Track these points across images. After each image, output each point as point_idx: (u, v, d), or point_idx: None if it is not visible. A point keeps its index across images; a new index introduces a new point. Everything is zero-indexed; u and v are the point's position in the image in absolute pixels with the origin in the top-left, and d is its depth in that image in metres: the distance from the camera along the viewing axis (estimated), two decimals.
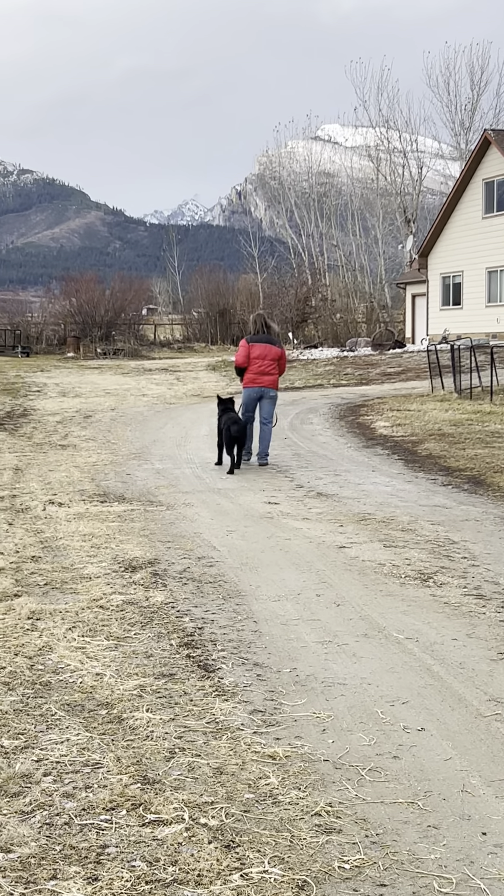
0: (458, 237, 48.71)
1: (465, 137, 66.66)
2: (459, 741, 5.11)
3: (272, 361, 15.98)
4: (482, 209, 46.88)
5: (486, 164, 46.43)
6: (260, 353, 15.88)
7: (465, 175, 48.20)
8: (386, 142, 71.42)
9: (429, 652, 6.56)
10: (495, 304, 46.18)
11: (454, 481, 14.02)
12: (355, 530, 10.58)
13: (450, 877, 3.83)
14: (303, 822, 4.27)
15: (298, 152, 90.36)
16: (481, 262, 46.82)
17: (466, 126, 67.03)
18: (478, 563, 9.07)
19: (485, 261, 46.55)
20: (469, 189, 47.92)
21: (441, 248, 50.50)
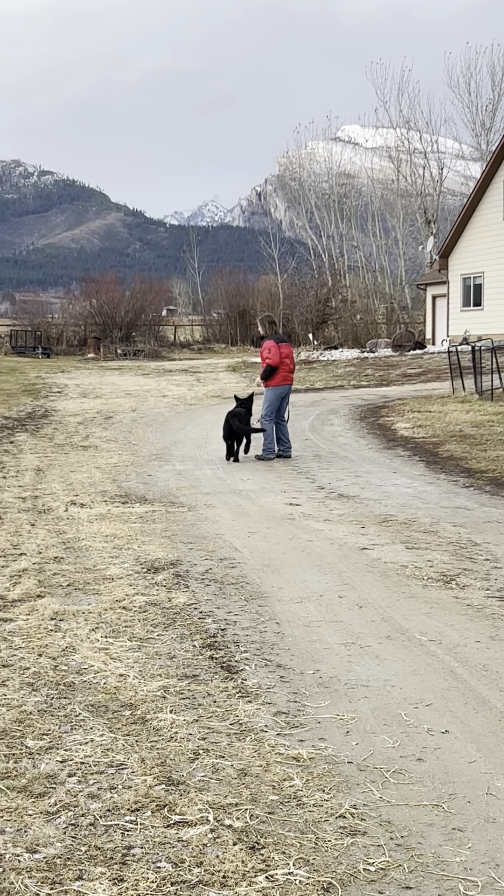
0: (479, 238, 48.59)
1: (485, 138, 66.50)
2: (484, 744, 5.10)
3: (293, 360, 17.38)
4: (503, 210, 46.74)
5: None
6: (287, 353, 17.07)
7: (485, 176, 48.05)
8: (406, 143, 71.34)
9: (452, 654, 6.55)
10: None
11: (476, 483, 13.99)
12: (377, 532, 10.57)
13: (475, 879, 3.83)
14: (327, 824, 4.27)
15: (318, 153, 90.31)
16: (502, 263, 46.68)
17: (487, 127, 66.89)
18: (500, 565, 9.05)
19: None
20: (490, 190, 47.78)
21: (462, 249, 50.38)
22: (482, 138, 66.91)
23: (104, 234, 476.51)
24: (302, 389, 33.91)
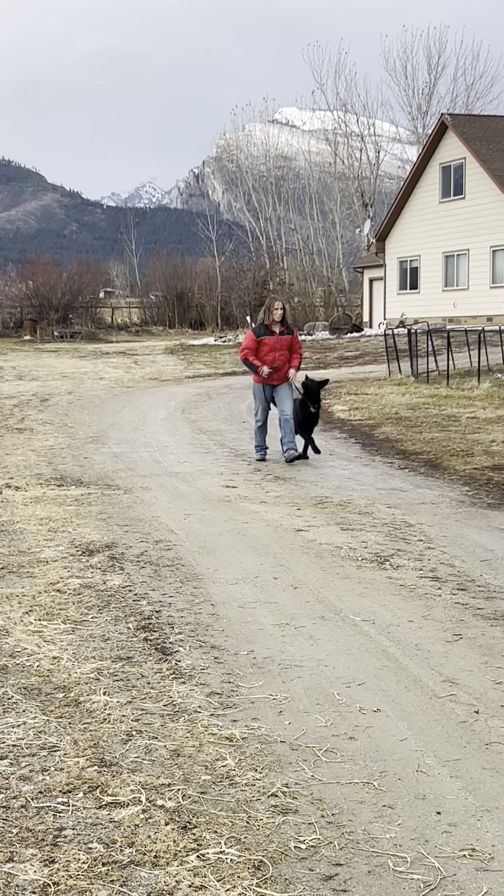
0: (416, 222, 48.85)
1: (422, 122, 66.87)
2: (415, 722, 5.16)
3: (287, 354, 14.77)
4: (439, 194, 47.04)
5: (444, 149, 46.56)
6: (270, 347, 14.98)
7: (422, 159, 48.32)
8: (343, 125, 71.49)
9: (385, 634, 6.60)
10: (452, 289, 46.39)
11: (411, 465, 14.10)
12: (313, 513, 10.61)
13: (405, 856, 3.87)
14: (259, 802, 4.29)
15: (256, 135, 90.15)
16: (438, 246, 47.00)
17: (424, 110, 67.26)
18: (434, 545, 9.13)
19: (442, 245, 46.73)
20: (426, 173, 48.05)
21: (398, 232, 50.62)
22: (418, 122, 67.30)
23: (41, 215, 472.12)
24: (239, 372, 33.92)
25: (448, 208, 46.28)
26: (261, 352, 14.37)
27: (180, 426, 19.12)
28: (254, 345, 14.38)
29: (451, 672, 5.87)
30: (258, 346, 14.36)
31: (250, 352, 14.41)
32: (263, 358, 14.34)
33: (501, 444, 15.52)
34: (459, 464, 13.79)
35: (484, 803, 4.28)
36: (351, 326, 52.06)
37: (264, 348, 14.35)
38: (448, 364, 27.04)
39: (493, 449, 15.00)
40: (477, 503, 11.18)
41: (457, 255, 46.09)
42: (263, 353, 14.35)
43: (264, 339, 14.35)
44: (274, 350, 14.35)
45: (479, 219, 43.98)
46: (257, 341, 14.35)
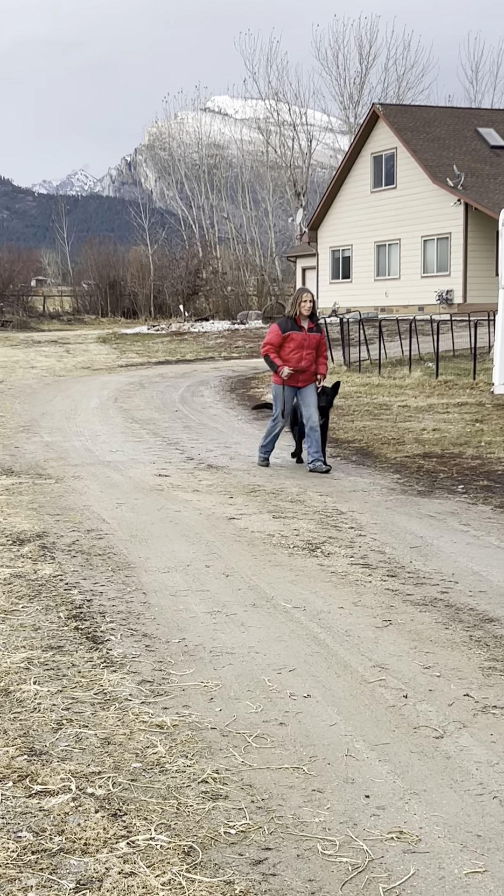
0: (348, 211, 49.04)
1: (353, 111, 67.10)
2: (344, 707, 5.20)
3: (314, 355, 12.99)
4: (371, 183, 47.25)
5: (375, 139, 46.77)
6: (297, 344, 12.98)
7: (353, 149, 48.49)
8: (275, 114, 71.51)
9: (316, 620, 6.65)
10: (384, 278, 46.65)
11: (343, 453, 14.17)
12: (245, 502, 10.63)
13: (333, 839, 3.91)
14: (189, 789, 4.31)
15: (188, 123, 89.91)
16: (370, 236, 47.22)
17: (355, 100, 67.49)
18: (364, 532, 9.20)
19: (373, 235, 46.96)
20: (358, 163, 48.23)
21: (330, 221, 50.78)
22: (350, 111, 67.53)
23: None
24: (172, 361, 33.89)
25: (380, 198, 46.51)
26: (285, 349, 12.65)
27: (113, 415, 19.05)
28: (278, 340, 12.67)
29: (381, 657, 5.92)
30: (283, 343, 12.68)
31: (273, 348, 12.71)
32: (288, 356, 12.63)
33: (432, 432, 15.66)
34: (391, 452, 13.89)
35: (412, 786, 4.33)
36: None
37: (290, 345, 12.63)
38: (380, 353, 27.21)
39: (424, 437, 15.13)
40: (408, 491, 11.28)
41: (388, 244, 46.35)
42: (288, 351, 12.63)
43: (291, 335, 12.64)
44: (301, 348, 12.63)
45: (410, 208, 44.28)
46: (283, 337, 12.66)
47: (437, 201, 42.60)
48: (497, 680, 5.54)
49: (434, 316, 32.73)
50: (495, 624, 6.55)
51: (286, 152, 70.56)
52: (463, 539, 8.96)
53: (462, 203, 41.24)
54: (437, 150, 43.73)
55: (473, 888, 3.57)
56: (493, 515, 9.95)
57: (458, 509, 10.25)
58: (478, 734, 4.85)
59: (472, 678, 5.58)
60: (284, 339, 12.67)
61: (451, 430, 15.85)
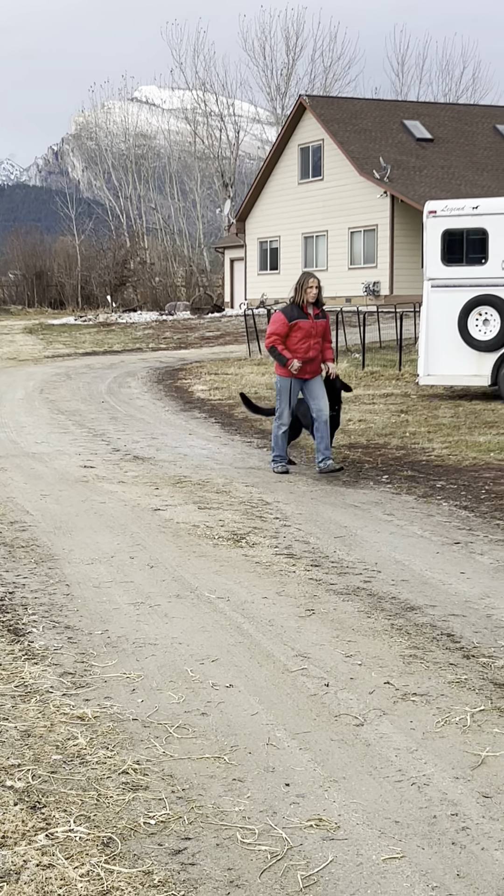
0: (275, 202, 49.10)
1: (281, 102, 67.12)
2: (266, 696, 5.22)
3: (319, 343, 12.02)
4: (298, 175, 47.34)
5: (302, 130, 46.85)
6: (305, 332, 11.89)
7: (280, 140, 48.54)
8: (203, 105, 71.29)
9: (239, 611, 6.66)
10: (311, 270, 46.75)
11: (269, 444, 14.17)
12: (171, 493, 10.62)
13: (253, 828, 3.92)
14: (110, 780, 4.30)
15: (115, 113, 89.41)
16: (298, 227, 47.33)
17: (282, 91, 67.52)
18: (289, 523, 9.23)
19: (301, 226, 47.07)
20: (285, 154, 48.29)
21: (258, 213, 50.81)
22: (277, 102, 67.55)
23: None
24: (100, 352, 33.71)
25: (307, 189, 46.61)
26: (292, 339, 11.65)
27: (38, 406, 18.90)
28: (284, 330, 11.64)
29: (303, 647, 5.95)
30: (289, 332, 11.67)
31: (279, 339, 11.68)
32: (296, 347, 11.65)
33: (358, 422, 15.75)
34: None
35: (331, 774, 4.36)
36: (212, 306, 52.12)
37: (297, 334, 11.62)
38: None
39: (350, 427, 15.21)
40: (333, 481, 11.33)
41: (316, 236, 46.49)
42: (296, 341, 11.64)
43: (298, 324, 11.62)
44: (309, 337, 11.65)
45: (337, 200, 44.44)
46: (290, 326, 11.64)
47: (364, 193, 42.81)
48: (417, 668, 5.60)
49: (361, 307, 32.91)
50: (417, 612, 6.61)
51: (214, 143, 70.45)
52: (386, 529, 9.03)
53: (388, 195, 41.49)
54: (364, 143, 43.92)
55: (391, 874, 3.60)
56: (416, 505, 10.04)
57: (382, 499, 10.32)
58: (398, 721, 4.90)
59: (392, 666, 5.63)
60: (291, 329, 11.63)
61: (377, 420, 15.96)
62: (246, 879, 3.58)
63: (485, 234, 17.74)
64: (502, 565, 7.77)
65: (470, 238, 17.97)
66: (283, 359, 11.68)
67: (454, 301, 17.78)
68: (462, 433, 14.42)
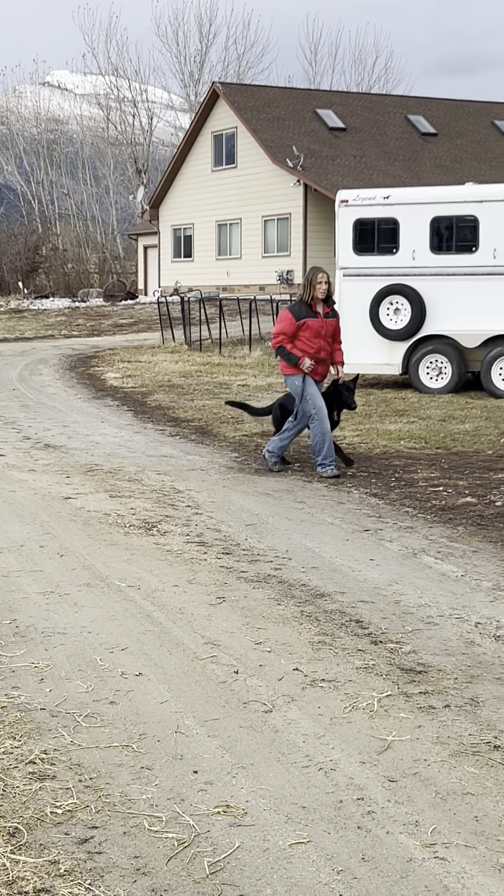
0: (189, 190, 48.95)
1: (194, 89, 66.95)
2: (175, 684, 5.22)
3: (328, 343, 11.27)
4: (211, 162, 47.24)
5: (215, 117, 46.76)
6: (314, 332, 11.14)
7: (194, 127, 48.39)
8: (116, 91, 70.82)
9: (150, 599, 6.65)
10: (225, 258, 46.75)
11: (182, 432, 14.19)
12: (82, 481, 10.56)
13: (160, 815, 3.93)
14: (16, 770, 4.27)
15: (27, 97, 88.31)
16: (211, 215, 47.25)
17: (196, 78, 67.33)
18: (201, 511, 9.24)
19: (215, 214, 47.00)
20: (199, 141, 48.16)
21: (172, 200, 50.62)
22: (191, 89, 67.36)
23: None
24: (11, 339, 33.35)
25: (221, 177, 46.54)
26: (300, 339, 10.94)
27: None
28: (292, 329, 10.94)
29: (213, 634, 5.97)
30: (297, 332, 10.97)
31: (287, 339, 10.98)
32: (305, 346, 10.93)
33: None
34: (229, 431, 13.97)
35: (239, 760, 4.38)
36: (125, 294, 51.82)
37: (306, 333, 10.91)
38: (220, 332, 27.31)
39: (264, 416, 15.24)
40: (245, 469, 11.36)
41: (230, 223, 46.45)
42: (305, 341, 10.93)
43: (307, 323, 10.92)
44: (318, 336, 10.94)
45: (250, 188, 44.44)
46: (298, 325, 10.95)
47: (278, 181, 42.87)
48: (326, 654, 5.65)
49: (275, 296, 32.97)
50: (326, 599, 6.66)
51: (127, 129, 70.03)
52: (297, 516, 9.08)
53: (301, 184, 41.59)
54: (277, 131, 43.96)
55: (297, 859, 3.63)
56: (327, 493, 10.11)
57: (293, 487, 10.37)
58: (306, 707, 4.94)
59: (301, 653, 5.67)
60: (299, 328, 10.93)
61: None
62: (152, 867, 3.58)
63: (396, 223, 17.90)
64: (411, 552, 7.86)
65: (381, 228, 18.12)
66: (293, 358, 10.92)
67: (366, 290, 17.92)
68: (373, 421, 14.55)
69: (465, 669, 5.42)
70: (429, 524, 8.79)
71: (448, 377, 17.67)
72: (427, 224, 17.69)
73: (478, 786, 4.17)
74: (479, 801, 4.05)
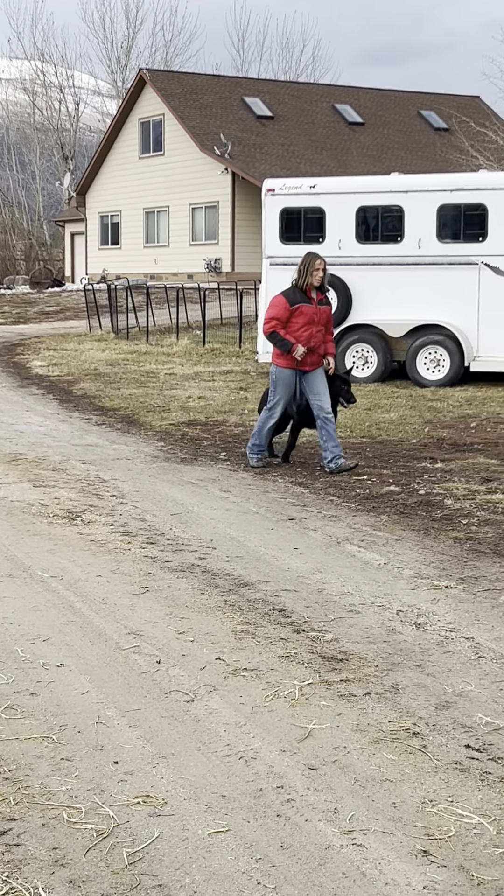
0: (116, 177, 48.67)
1: (121, 76, 66.48)
2: (97, 675, 5.21)
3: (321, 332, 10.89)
4: (139, 149, 47.02)
5: (142, 104, 46.53)
6: (308, 319, 10.74)
7: (121, 114, 48.13)
8: (42, 76, 70.08)
9: (72, 589, 6.62)
10: (153, 245, 46.58)
11: (108, 421, 14.13)
12: (5, 471, 10.47)
13: (79, 806, 3.92)
14: None
15: None
16: (139, 202, 47.03)
17: (123, 64, 66.84)
18: (126, 500, 9.21)
19: (142, 201, 46.79)
20: (126, 128, 47.90)
21: (99, 186, 50.29)
22: (118, 75, 66.88)
23: None
24: None
25: (148, 164, 46.34)
26: (292, 326, 10.52)
27: None
28: (286, 315, 10.53)
29: (136, 624, 5.96)
30: (290, 318, 10.56)
31: (279, 324, 10.56)
32: (297, 334, 10.51)
33: (197, 399, 15.80)
34: (156, 419, 13.93)
35: (160, 751, 4.38)
36: (52, 281, 51.39)
37: (299, 320, 10.51)
38: (147, 320, 27.23)
39: (190, 405, 15.25)
40: (171, 458, 11.34)
41: (157, 211, 46.28)
42: (297, 328, 10.51)
43: (301, 308, 10.51)
44: (311, 324, 10.54)
45: (178, 176, 44.30)
46: (291, 311, 10.54)
47: (206, 169, 42.79)
48: (248, 643, 5.66)
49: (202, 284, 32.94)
50: (250, 588, 6.68)
51: (53, 115, 69.35)
52: (223, 505, 9.09)
53: (229, 172, 41.57)
54: (205, 118, 43.87)
55: (216, 847, 3.65)
56: (253, 482, 10.13)
57: (219, 476, 10.38)
58: (227, 696, 4.95)
59: (224, 642, 5.68)
60: (292, 314, 10.52)
61: (216, 397, 16.04)
62: (71, 858, 3.58)
63: (322, 213, 17.97)
64: (335, 541, 7.91)
65: (308, 217, 18.18)
66: (286, 345, 10.50)
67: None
68: None
69: (385, 657, 5.47)
70: (353, 513, 8.85)
71: (374, 366, 17.80)
72: (353, 214, 17.78)
73: (396, 772, 4.21)
74: (397, 787, 4.09)
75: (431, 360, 17.40)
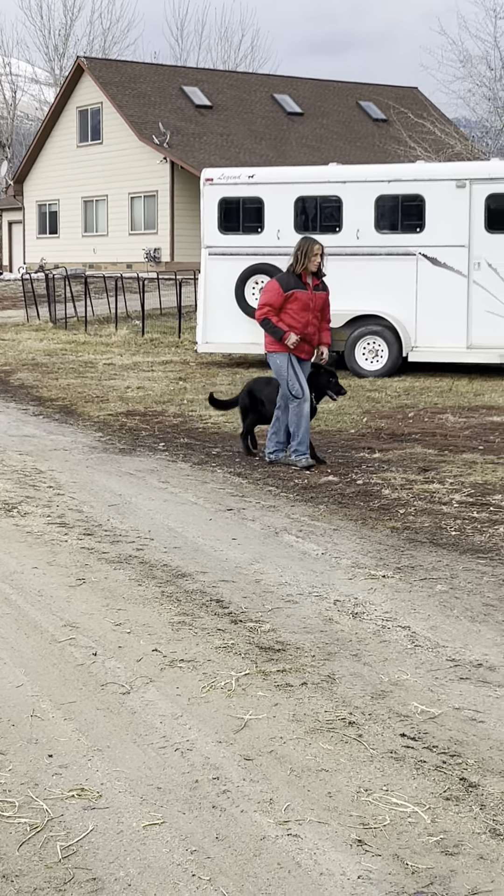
0: (54, 165, 48.30)
1: (59, 63, 65.86)
2: (32, 667, 5.17)
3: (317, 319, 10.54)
4: (77, 138, 46.70)
5: (80, 92, 46.22)
6: (303, 304, 10.37)
7: (59, 102, 47.78)
8: None
9: (7, 581, 6.56)
10: (92, 235, 46.31)
11: (46, 411, 14.03)
12: None
13: (13, 800, 3.88)
14: None
15: None
16: (77, 191, 46.71)
17: (61, 52, 66.24)
18: (63, 491, 9.15)
19: (80, 190, 46.48)
20: (63, 116, 47.55)
21: (37, 175, 49.89)
22: (56, 63, 66.27)
23: None
24: None
25: (86, 153, 46.03)
26: (287, 312, 10.17)
27: None
28: (280, 301, 10.15)
29: (73, 616, 5.92)
30: (284, 304, 10.19)
31: (273, 311, 10.19)
32: (292, 319, 10.16)
33: (136, 390, 15.74)
34: (94, 410, 13.86)
35: (95, 743, 4.35)
36: None
37: (294, 306, 10.16)
38: (86, 310, 27.07)
39: (128, 395, 15.18)
40: (109, 449, 11.29)
41: (96, 200, 46.01)
42: (292, 314, 10.17)
43: (296, 294, 10.14)
44: (307, 310, 10.20)
45: (117, 164, 44.06)
46: (285, 296, 10.17)
47: (144, 158, 42.59)
48: (185, 634, 5.65)
49: (142, 274, 32.81)
50: (187, 579, 6.66)
51: None
52: (161, 496, 9.06)
53: (168, 161, 41.42)
54: (144, 107, 43.66)
55: (150, 839, 3.63)
56: (191, 472, 10.10)
57: (158, 467, 10.34)
58: (164, 688, 4.93)
59: (161, 633, 5.66)
60: (286, 300, 10.16)
61: (155, 388, 15.98)
62: (4, 853, 3.54)
63: (261, 203, 17.96)
64: (273, 531, 7.91)
65: (246, 207, 18.15)
66: (277, 332, 10.16)
67: (231, 269, 17.95)
68: None
69: (322, 647, 5.48)
70: (291, 503, 8.86)
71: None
72: (292, 204, 17.79)
73: (332, 762, 4.22)
74: (332, 777, 4.10)
75: (370, 351, 17.47)
